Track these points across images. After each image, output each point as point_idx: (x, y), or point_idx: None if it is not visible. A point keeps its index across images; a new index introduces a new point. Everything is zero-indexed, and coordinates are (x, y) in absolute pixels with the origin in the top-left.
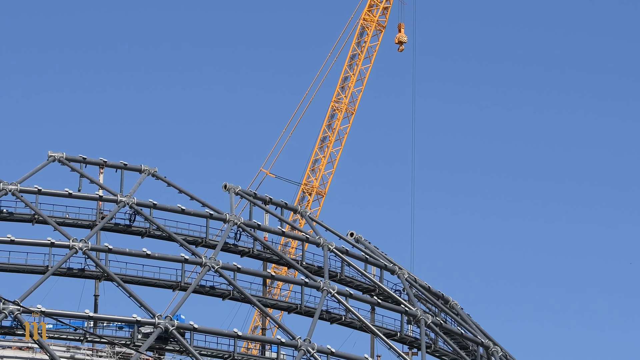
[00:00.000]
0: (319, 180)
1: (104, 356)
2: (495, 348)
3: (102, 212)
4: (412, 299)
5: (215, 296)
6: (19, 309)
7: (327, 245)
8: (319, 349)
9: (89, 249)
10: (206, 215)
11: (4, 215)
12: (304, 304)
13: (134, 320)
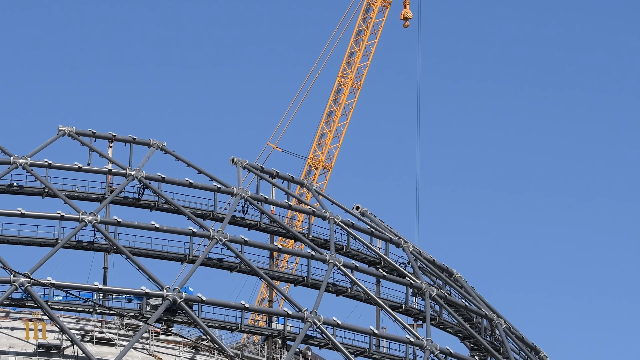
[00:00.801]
0: (325, 154)
1: (113, 328)
2: (499, 320)
3: (111, 186)
4: (417, 272)
5: (223, 269)
6: (29, 281)
7: (333, 219)
8: (325, 321)
9: (98, 222)
10: (214, 188)
11: (15, 189)
12: (310, 277)
13: (142, 292)
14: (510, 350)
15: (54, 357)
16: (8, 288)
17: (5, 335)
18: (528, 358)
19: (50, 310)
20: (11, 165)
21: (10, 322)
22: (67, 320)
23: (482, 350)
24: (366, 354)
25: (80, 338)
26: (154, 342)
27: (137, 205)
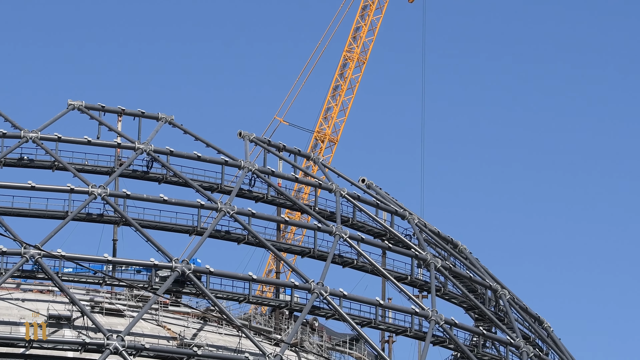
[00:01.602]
0: (331, 127)
1: (123, 299)
2: (502, 291)
3: (120, 159)
4: (422, 244)
5: (231, 240)
6: (39, 253)
7: (339, 191)
8: (331, 292)
9: (107, 194)
10: (221, 162)
11: (25, 162)
12: (316, 248)
13: (151, 264)
14: (514, 320)
15: (64, 328)
16: (19, 260)
17: (16, 307)
18: (532, 328)
19: (61, 281)
20: (21, 139)
21: (21, 293)
22: (77, 292)
23: (486, 321)
24: (372, 324)
25: (90, 309)
26: (163, 313)
27: (145, 178)
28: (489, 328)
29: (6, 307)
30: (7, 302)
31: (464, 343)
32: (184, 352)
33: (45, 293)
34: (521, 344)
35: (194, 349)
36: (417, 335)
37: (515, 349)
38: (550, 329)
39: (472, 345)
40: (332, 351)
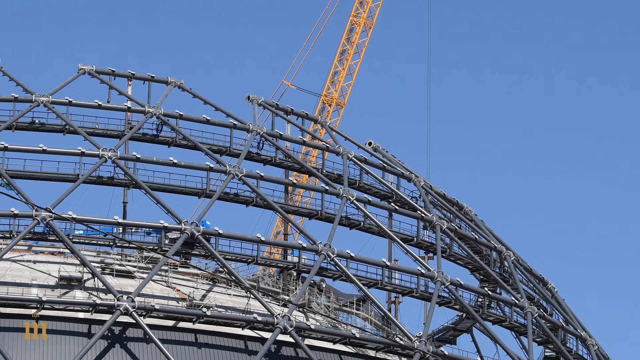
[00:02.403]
0: (338, 91)
1: (133, 261)
2: (507, 253)
3: (130, 123)
4: (427, 206)
5: (239, 203)
6: (51, 216)
7: (346, 154)
8: (338, 254)
9: (117, 157)
10: (230, 125)
11: (36, 126)
12: (324, 210)
13: (161, 226)
14: (519, 281)
15: (75, 289)
16: (30, 222)
17: (28, 268)
18: (536, 289)
19: (72, 243)
20: (33, 103)
21: (33, 255)
22: (87, 254)
23: (491, 282)
24: (378, 285)
25: (101, 270)
26: (172, 274)
27: (155, 142)
28: (494, 289)
29: (18, 269)
30: (18, 264)
31: (469, 304)
32: (193, 312)
33: (57, 255)
34: (526, 305)
35: (203, 310)
36: (423, 296)
37: (519, 310)
38: (554, 289)
39: (477, 305)
40: (339, 312)
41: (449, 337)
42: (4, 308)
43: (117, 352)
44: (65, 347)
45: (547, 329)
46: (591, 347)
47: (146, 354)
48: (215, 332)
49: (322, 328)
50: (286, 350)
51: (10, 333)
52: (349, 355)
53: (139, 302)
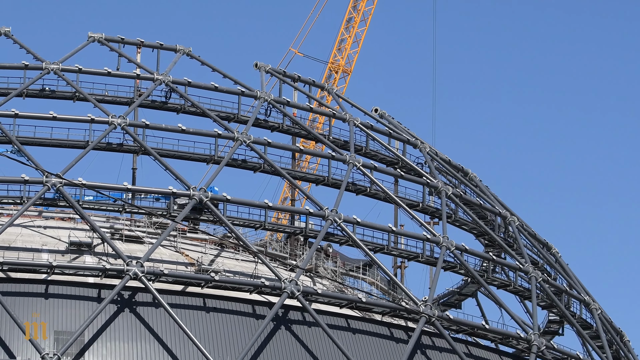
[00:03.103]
0: (345, 59)
1: (142, 226)
2: (512, 218)
3: (140, 90)
4: (433, 172)
5: (247, 169)
6: (61, 182)
7: (353, 121)
8: (345, 219)
9: (127, 124)
10: (238, 92)
11: (47, 93)
12: (331, 176)
13: (170, 192)
14: (523, 246)
15: (85, 254)
16: (41, 188)
17: (39, 234)
18: (540, 254)
19: (82, 209)
20: (43, 71)
21: (43, 221)
22: (97, 219)
23: (496, 247)
24: (385, 250)
25: (110, 236)
26: (181, 240)
27: (164, 109)
28: (499, 254)
29: (29, 235)
30: (29, 229)
31: (474, 268)
32: (201, 277)
33: (67, 220)
34: (530, 269)
35: (212, 275)
36: (429, 261)
37: (524, 274)
38: (558, 254)
39: (482, 270)
40: (346, 276)
41: (454, 302)
42: (14, 273)
43: (126, 316)
44: (75, 312)
45: (551, 293)
46: (594, 311)
47: (155, 318)
48: (223, 296)
49: (329, 292)
50: (293, 314)
51: (21, 298)
52: (355, 320)
53: (148, 267)
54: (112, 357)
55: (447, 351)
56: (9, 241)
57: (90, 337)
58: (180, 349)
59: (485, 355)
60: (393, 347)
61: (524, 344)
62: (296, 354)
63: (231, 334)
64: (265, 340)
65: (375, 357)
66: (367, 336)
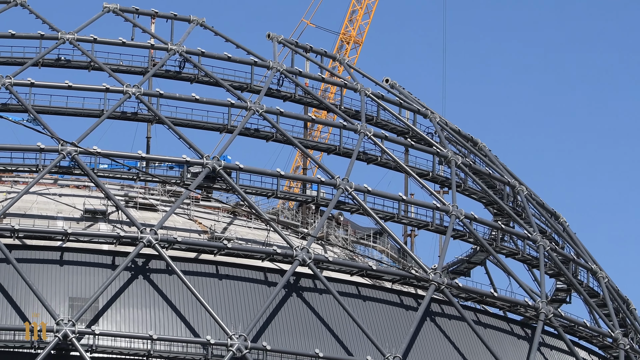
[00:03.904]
0: (356, 29)
1: (156, 194)
2: (520, 187)
3: (154, 60)
4: (443, 141)
5: (260, 138)
6: (76, 150)
7: (364, 91)
8: (356, 188)
9: (141, 94)
10: (251, 62)
11: (62, 63)
12: (342, 146)
13: (183, 160)
14: (531, 215)
15: (100, 222)
16: (56, 156)
17: (54, 202)
18: (548, 223)
19: (96, 177)
20: (59, 41)
21: (59, 189)
22: (112, 187)
23: (504, 216)
24: (395, 219)
25: (125, 204)
26: (194, 208)
27: (178, 78)
28: (507, 223)
29: (44, 202)
30: (44, 197)
31: (483, 237)
32: (214, 245)
33: (82, 188)
34: (538, 238)
35: (224, 242)
36: (438, 230)
37: (532, 243)
38: (565, 223)
39: (490, 239)
40: (357, 244)
41: (463, 270)
42: (30, 240)
43: (140, 283)
44: (90, 278)
45: (559, 262)
46: (601, 279)
47: (168, 285)
48: (235, 264)
49: (340, 260)
50: (305, 281)
51: (37, 265)
52: (365, 287)
53: (162, 235)
54: (126, 323)
55: (456, 318)
56: (25, 209)
57: (105, 304)
58: (193, 315)
59: (493, 322)
60: (403, 314)
61: (532, 311)
62: (307, 320)
63: (243, 300)
64: (276, 307)
65: (385, 324)
66: (377, 303)
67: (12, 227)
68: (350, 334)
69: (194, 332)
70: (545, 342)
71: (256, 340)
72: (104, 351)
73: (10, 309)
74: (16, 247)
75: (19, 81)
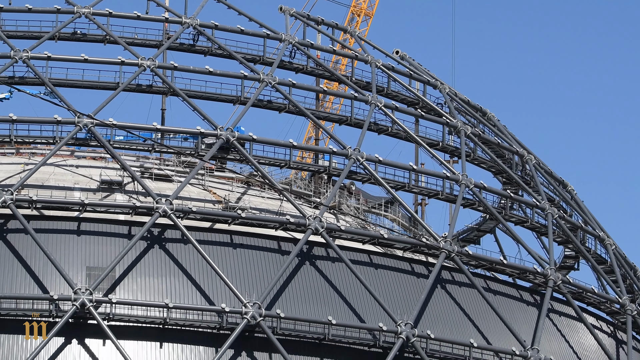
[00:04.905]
0: (367, 2)
1: (171, 165)
2: (529, 156)
3: (168, 33)
4: (452, 112)
5: (272, 109)
6: (92, 122)
7: (375, 63)
8: (367, 158)
9: (156, 66)
10: (263, 35)
11: (78, 36)
12: (353, 117)
13: (197, 132)
14: (539, 184)
15: (116, 193)
16: (73, 128)
17: (71, 173)
18: (556, 191)
19: (112, 149)
20: (75, 15)
21: (75, 160)
22: (127, 158)
23: (513, 185)
24: (406, 188)
25: (140, 175)
26: (209, 178)
27: (192, 51)
28: (516, 191)
29: (61, 174)
30: (62, 168)
31: (492, 205)
32: (228, 214)
33: (98, 160)
34: (546, 206)
35: (238, 212)
36: (448, 198)
37: (540, 211)
38: (573, 191)
39: (500, 207)
40: (368, 213)
41: (473, 237)
42: (47, 211)
43: (156, 252)
44: (107, 248)
45: (567, 230)
46: (609, 246)
47: (183, 254)
48: (249, 233)
49: (352, 229)
50: (317, 250)
51: (54, 235)
52: (377, 255)
53: (177, 205)
54: (142, 291)
55: (466, 285)
56: (43, 180)
57: (121, 273)
58: (208, 283)
59: (503, 289)
60: (414, 281)
61: (541, 278)
62: (320, 288)
63: (257, 269)
64: (290, 275)
65: (397, 291)
66: (388, 271)
67: (30, 198)
68: (362, 301)
69: (209, 300)
70: (554, 308)
71: (270, 308)
72: (121, 319)
73: (28, 278)
74: (34, 217)
75: (36, 55)
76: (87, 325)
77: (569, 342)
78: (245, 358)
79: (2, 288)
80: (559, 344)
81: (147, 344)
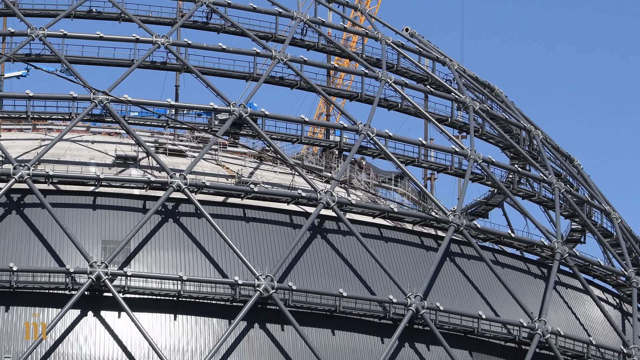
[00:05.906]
0: None
1: (185, 140)
2: (536, 132)
3: (182, 11)
4: (461, 88)
5: (284, 86)
6: (107, 98)
7: (385, 40)
8: (378, 133)
9: (170, 44)
10: (275, 13)
11: (94, 15)
12: (364, 93)
13: (211, 108)
14: (547, 159)
15: (131, 167)
16: (88, 105)
17: (87, 148)
18: (563, 166)
19: (127, 124)
20: None
21: (91, 136)
22: (142, 134)
23: (521, 159)
24: (415, 162)
25: (155, 150)
26: (222, 153)
27: (205, 29)
28: (524, 166)
29: (77, 149)
30: (78, 144)
31: (500, 180)
32: (241, 189)
33: (113, 135)
34: (553, 181)
35: (251, 186)
36: (457, 173)
37: (547, 185)
38: (580, 166)
39: (507, 181)
40: (379, 188)
41: (482, 211)
42: (64, 185)
43: (170, 226)
44: (122, 222)
45: (574, 204)
46: (615, 220)
47: (197, 228)
48: (262, 207)
49: (363, 203)
50: (329, 224)
51: (70, 209)
52: (387, 229)
53: (191, 179)
54: (157, 265)
55: (475, 258)
56: (59, 155)
57: (136, 246)
58: (221, 257)
59: (511, 262)
60: (423, 254)
61: (548, 251)
62: (331, 261)
63: (269, 242)
64: (302, 248)
65: (407, 264)
66: (398, 244)
67: (46, 173)
68: (372, 274)
69: (222, 273)
70: (561, 280)
71: (282, 281)
72: (136, 292)
73: (45, 251)
74: (51, 192)
75: (52, 32)
76: (103, 298)
77: (575, 314)
78: (257, 330)
79: (19, 261)
80: (566, 316)
81: (161, 315)
